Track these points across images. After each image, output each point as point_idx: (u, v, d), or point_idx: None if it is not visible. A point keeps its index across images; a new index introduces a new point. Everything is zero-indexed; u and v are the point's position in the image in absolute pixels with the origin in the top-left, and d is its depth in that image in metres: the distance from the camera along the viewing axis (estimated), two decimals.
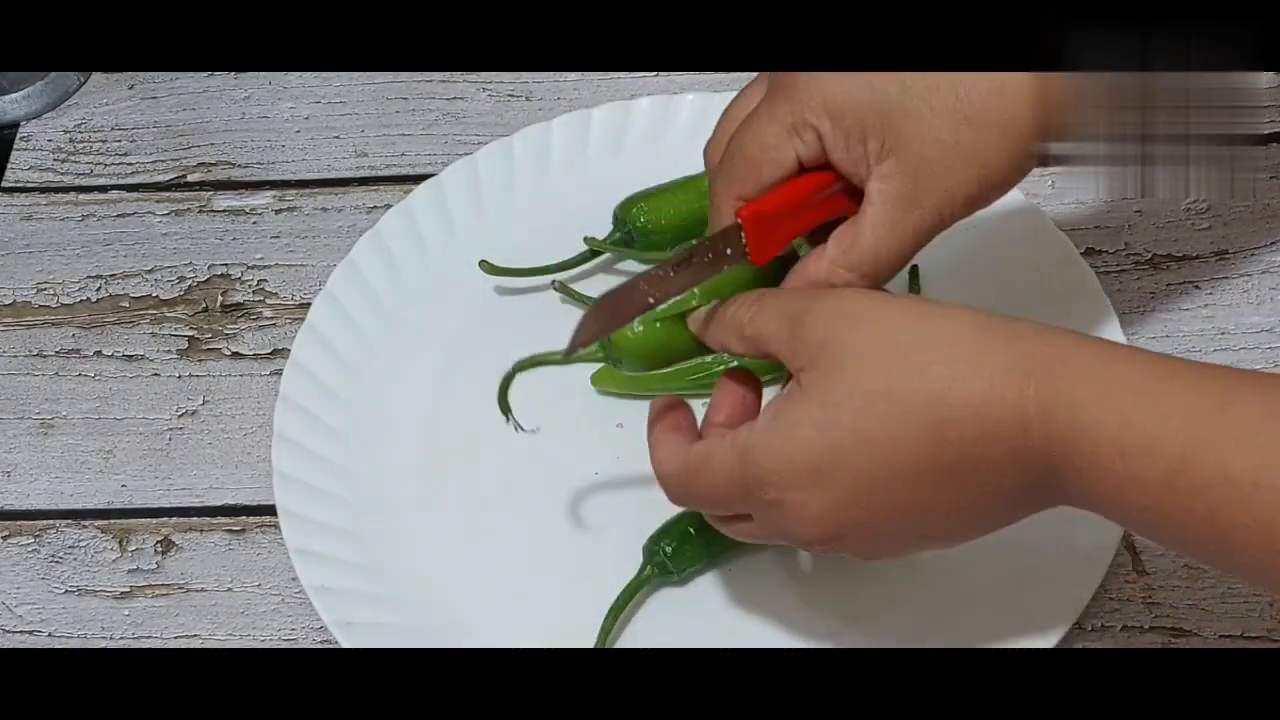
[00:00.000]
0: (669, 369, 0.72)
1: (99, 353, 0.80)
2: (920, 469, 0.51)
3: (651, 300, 0.59)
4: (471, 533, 0.71)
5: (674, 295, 0.60)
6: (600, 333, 0.60)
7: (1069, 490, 0.50)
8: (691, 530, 0.67)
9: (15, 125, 0.90)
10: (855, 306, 0.53)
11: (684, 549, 0.67)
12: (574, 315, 0.76)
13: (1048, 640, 0.64)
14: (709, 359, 0.72)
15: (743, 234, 0.59)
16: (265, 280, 0.82)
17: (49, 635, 0.71)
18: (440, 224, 0.80)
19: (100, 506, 0.74)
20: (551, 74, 0.88)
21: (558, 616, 0.68)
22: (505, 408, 0.70)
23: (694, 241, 0.60)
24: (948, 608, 0.66)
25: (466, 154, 0.82)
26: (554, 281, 0.77)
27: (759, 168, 0.59)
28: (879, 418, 0.51)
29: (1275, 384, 0.47)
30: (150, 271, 0.83)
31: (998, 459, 0.50)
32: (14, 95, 0.90)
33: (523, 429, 0.66)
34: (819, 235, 0.60)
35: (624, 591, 0.66)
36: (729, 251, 0.59)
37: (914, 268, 0.75)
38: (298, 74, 0.90)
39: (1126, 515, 0.49)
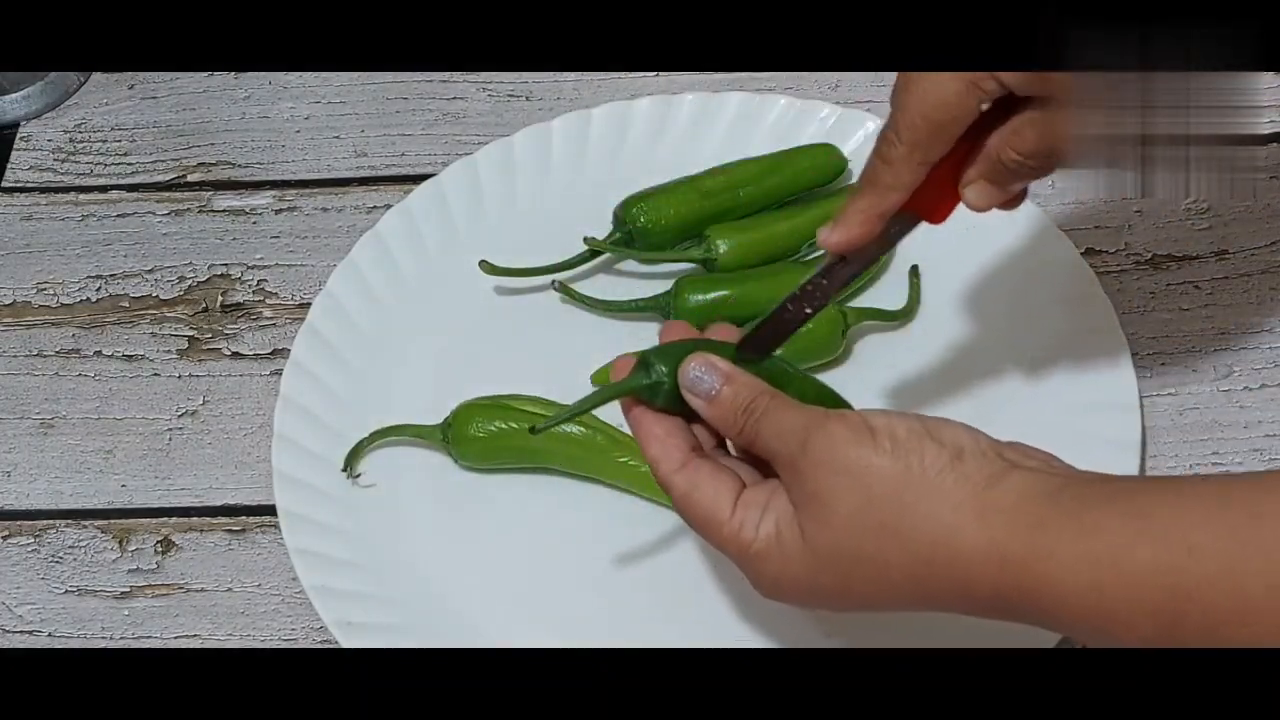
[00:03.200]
0: None
1: (99, 353, 0.80)
2: (904, 607, 0.55)
3: (808, 311, 0.61)
4: (471, 533, 0.71)
5: (830, 298, 0.61)
6: (759, 357, 0.61)
7: (1070, 636, 0.54)
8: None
9: (15, 125, 0.90)
10: (846, 461, 0.53)
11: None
12: (574, 315, 0.77)
13: (1048, 640, 0.64)
14: None
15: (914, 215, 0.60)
16: (265, 280, 0.82)
17: (49, 635, 0.71)
18: (440, 224, 0.80)
19: (100, 506, 0.74)
20: (551, 74, 0.88)
21: (558, 616, 0.68)
22: (351, 464, 0.72)
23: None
24: None
25: (466, 154, 0.82)
26: (554, 281, 0.77)
27: (945, 129, 0.58)
28: (863, 579, 0.54)
29: (1234, 520, 0.48)
30: (150, 271, 0.83)
31: (982, 616, 0.54)
32: (14, 95, 0.90)
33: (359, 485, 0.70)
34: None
35: (608, 390, 0.61)
36: (894, 230, 0.60)
37: (914, 267, 0.75)
38: (298, 74, 0.90)
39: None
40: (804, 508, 0.54)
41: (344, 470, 0.72)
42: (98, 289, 0.82)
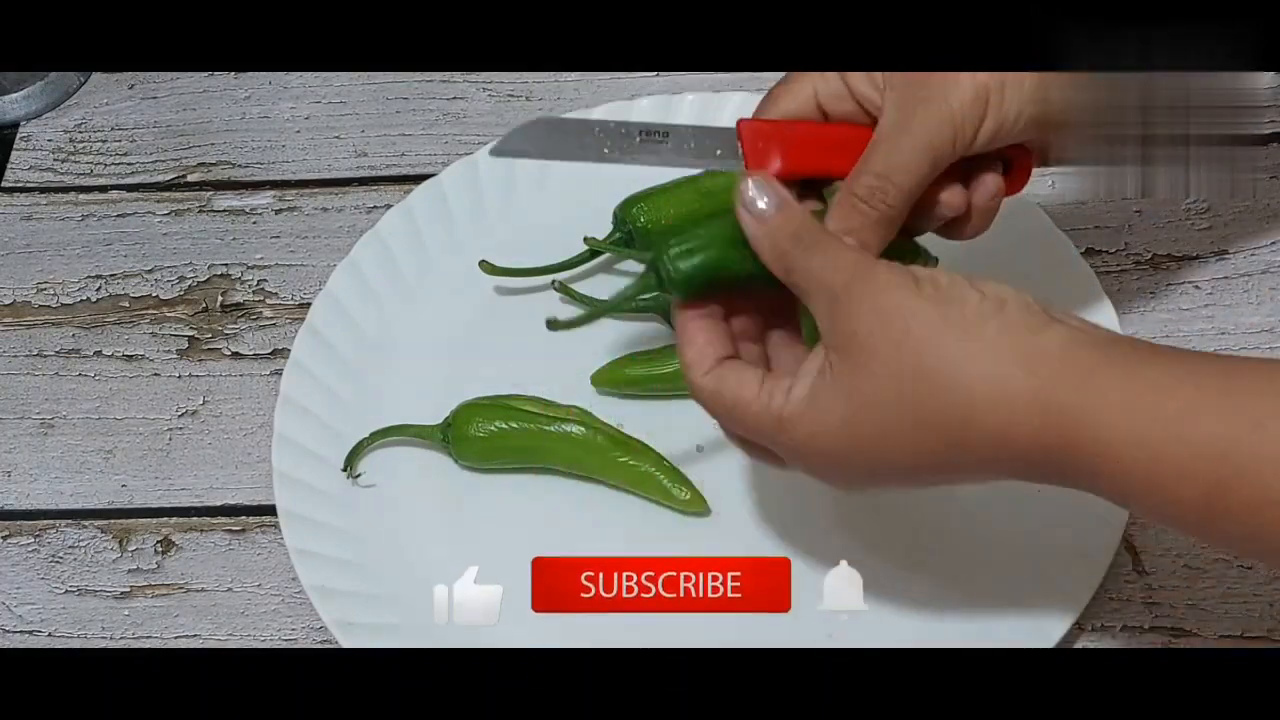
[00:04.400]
0: (669, 369, 0.73)
1: (99, 353, 0.80)
2: (939, 467, 0.53)
3: (605, 151, 0.61)
4: (471, 533, 0.71)
5: (630, 161, 0.61)
6: (530, 152, 0.61)
7: (1101, 496, 0.50)
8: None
9: (15, 125, 0.90)
10: (888, 303, 0.52)
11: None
12: (574, 315, 0.76)
13: (1048, 640, 0.64)
14: None
15: (739, 141, 0.60)
16: (265, 280, 0.82)
17: (49, 635, 0.71)
18: (440, 224, 0.80)
19: (100, 506, 0.74)
20: (551, 74, 0.88)
21: (557, 616, 0.67)
22: (351, 464, 0.72)
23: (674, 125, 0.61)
24: (948, 608, 0.66)
25: (466, 154, 0.82)
26: (554, 281, 0.77)
27: (776, 97, 0.61)
28: (901, 427, 0.52)
29: None
30: (150, 271, 0.83)
31: (1016, 474, 0.52)
32: (14, 95, 0.90)
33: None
34: None
35: (622, 297, 0.61)
36: (719, 152, 0.61)
37: None
38: (298, 74, 0.90)
39: (1165, 524, 0.50)
40: (841, 350, 0.53)
41: (344, 470, 0.72)
42: (98, 289, 0.82)
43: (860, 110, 0.60)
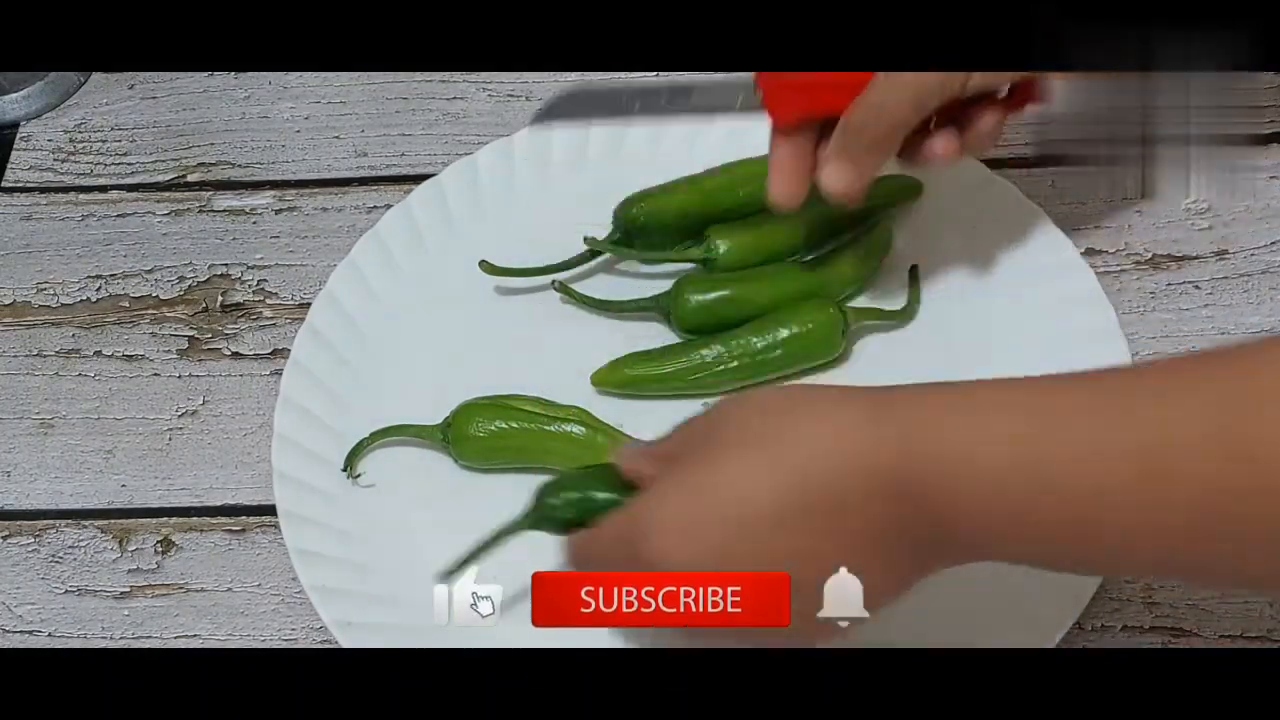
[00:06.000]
0: (669, 369, 0.73)
1: (99, 353, 0.80)
2: (784, 512, 0.52)
3: (635, 108, 0.67)
4: (472, 533, 0.71)
5: (659, 116, 0.68)
6: (570, 117, 0.68)
7: (962, 536, 0.51)
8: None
9: (15, 125, 0.90)
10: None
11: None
12: (574, 316, 0.77)
13: (1048, 640, 0.64)
14: (709, 357, 0.72)
15: (758, 90, 0.65)
16: (265, 280, 0.82)
17: (49, 635, 0.71)
18: (440, 224, 0.80)
19: (100, 506, 0.74)
20: (551, 74, 0.88)
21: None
22: (351, 464, 0.72)
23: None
24: (948, 607, 0.66)
25: (466, 154, 0.82)
26: (554, 281, 0.77)
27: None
28: (751, 466, 0.52)
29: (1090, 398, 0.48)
30: (150, 271, 0.83)
31: (873, 506, 0.52)
32: (14, 95, 0.90)
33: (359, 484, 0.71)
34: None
35: (499, 532, 0.64)
36: (741, 100, 0.66)
37: (914, 268, 0.75)
38: (298, 74, 0.90)
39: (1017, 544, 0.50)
40: (697, 448, 0.54)
41: (344, 470, 0.72)
42: (98, 289, 0.82)
43: None
